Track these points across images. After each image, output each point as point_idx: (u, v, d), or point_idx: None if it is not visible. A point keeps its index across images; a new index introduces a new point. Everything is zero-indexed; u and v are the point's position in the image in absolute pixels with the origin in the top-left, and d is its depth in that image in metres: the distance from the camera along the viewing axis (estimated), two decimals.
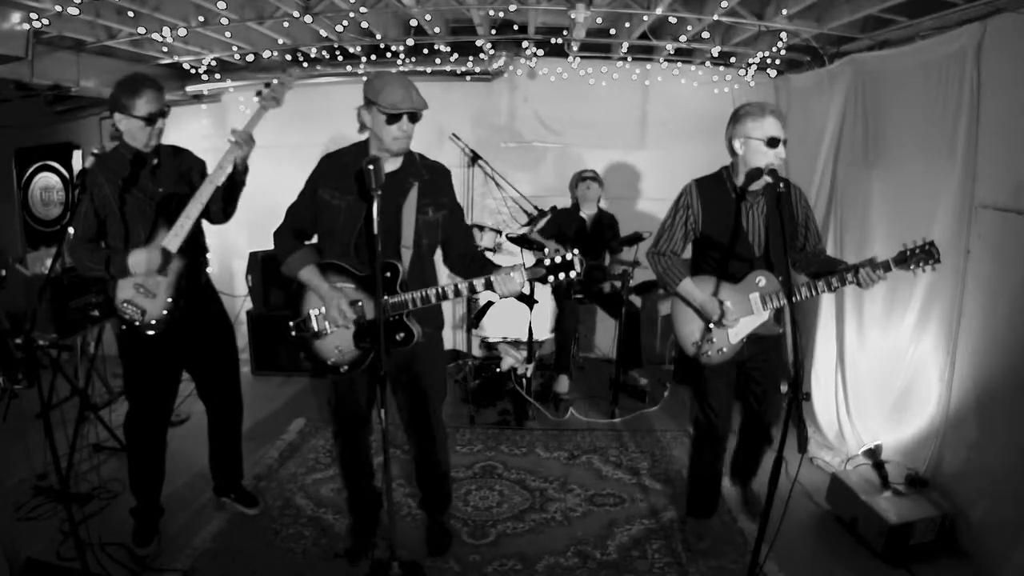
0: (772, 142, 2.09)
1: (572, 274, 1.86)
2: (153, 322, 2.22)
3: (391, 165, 2.08)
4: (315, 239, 2.19)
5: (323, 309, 2.09)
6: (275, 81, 2.30)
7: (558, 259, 1.87)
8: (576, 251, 1.88)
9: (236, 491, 2.73)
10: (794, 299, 1.94)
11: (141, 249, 2.17)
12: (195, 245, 2.35)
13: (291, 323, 2.15)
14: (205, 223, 2.40)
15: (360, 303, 2.07)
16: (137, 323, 2.22)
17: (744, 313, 2.23)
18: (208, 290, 2.53)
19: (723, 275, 2.25)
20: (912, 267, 2.05)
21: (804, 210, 2.31)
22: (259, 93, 2.27)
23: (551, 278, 1.88)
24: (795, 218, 2.28)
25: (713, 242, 2.25)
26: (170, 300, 2.23)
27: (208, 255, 2.51)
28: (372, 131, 2.03)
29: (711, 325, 2.25)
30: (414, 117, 1.99)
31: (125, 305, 2.21)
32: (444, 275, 2.34)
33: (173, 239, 2.20)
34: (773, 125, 2.09)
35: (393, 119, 1.96)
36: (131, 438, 2.49)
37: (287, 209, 2.18)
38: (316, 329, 2.11)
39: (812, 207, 2.49)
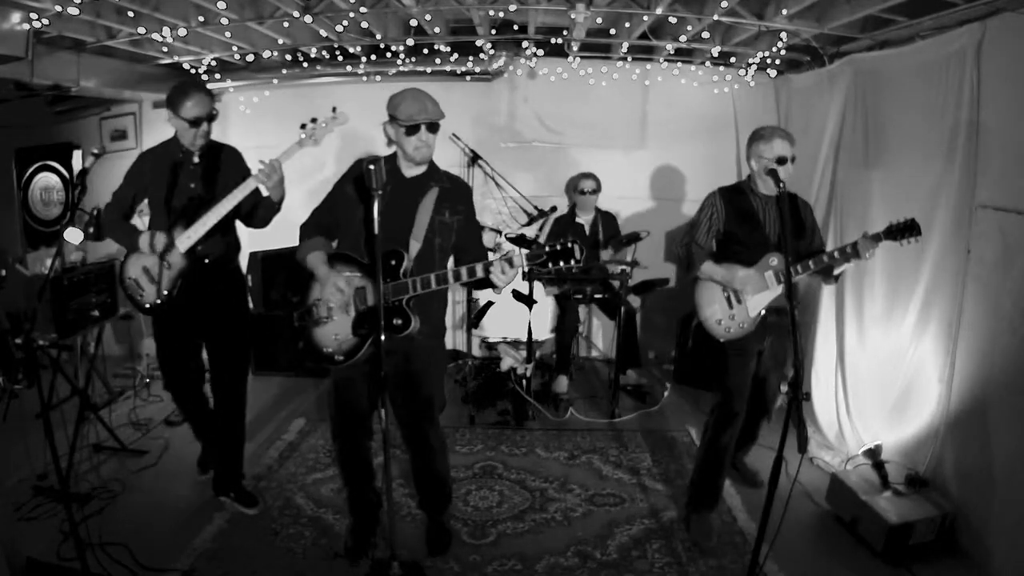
0: (779, 160, 2.40)
1: (572, 261, 1.88)
2: (148, 306, 2.47)
3: (415, 171, 2.19)
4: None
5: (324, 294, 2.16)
6: (319, 119, 2.37)
7: (558, 246, 1.89)
8: (576, 240, 1.89)
9: (236, 490, 2.73)
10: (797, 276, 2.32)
11: (151, 234, 2.41)
12: (214, 244, 2.50)
13: (295, 313, 2.21)
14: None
15: (364, 290, 2.12)
16: (137, 299, 2.49)
17: (760, 289, 2.49)
18: (232, 276, 2.68)
19: (742, 261, 2.54)
20: (899, 239, 2.26)
21: (810, 216, 2.64)
22: (303, 126, 2.37)
23: (550, 264, 1.90)
24: (804, 222, 2.58)
25: (734, 236, 2.56)
26: (166, 292, 2.42)
27: (228, 244, 2.64)
28: (396, 143, 2.15)
29: (730, 297, 2.54)
30: (432, 127, 2.10)
31: (130, 280, 2.49)
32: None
33: (185, 240, 2.40)
34: (780, 146, 2.40)
35: (412, 130, 2.07)
36: (173, 396, 2.78)
37: (313, 209, 2.29)
38: (316, 316, 2.16)
39: (812, 207, 2.75)
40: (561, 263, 1.89)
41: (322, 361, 2.18)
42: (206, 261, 2.49)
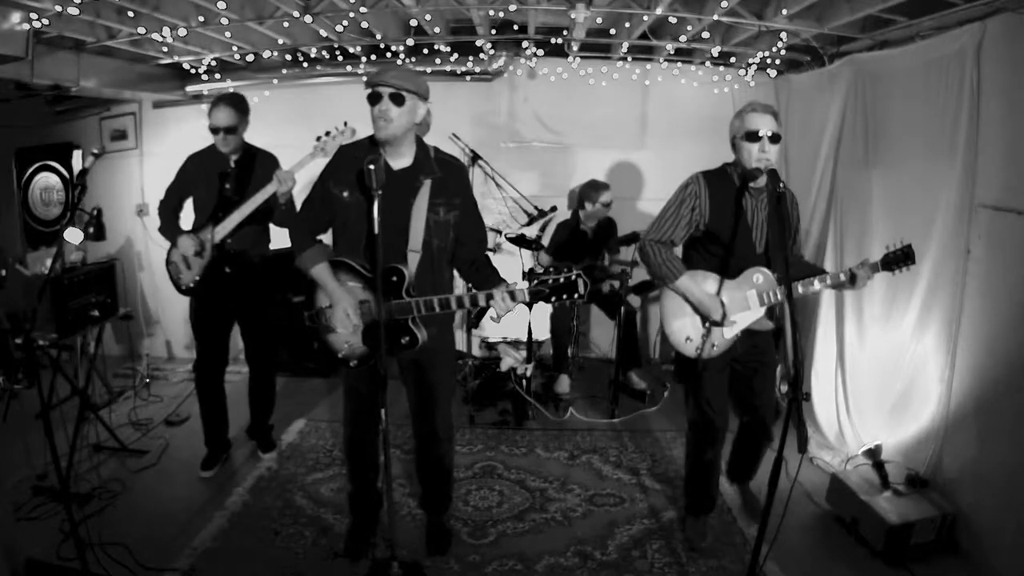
0: (750, 136, 2.11)
1: (575, 296, 1.86)
2: (184, 287, 2.85)
3: (403, 161, 2.06)
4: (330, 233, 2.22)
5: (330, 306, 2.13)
6: (332, 131, 2.55)
7: (561, 279, 1.87)
8: (580, 273, 1.87)
9: (260, 436, 3.24)
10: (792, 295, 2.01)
11: (186, 236, 2.78)
12: (242, 238, 2.82)
13: (306, 312, 2.19)
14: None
15: (368, 303, 2.09)
16: (175, 279, 2.86)
17: (740, 309, 2.23)
18: (257, 264, 2.95)
19: (722, 271, 2.23)
20: (894, 269, 2.16)
21: (796, 212, 2.35)
22: (318, 138, 2.55)
23: (554, 299, 1.88)
24: (790, 219, 2.28)
25: (716, 237, 2.22)
26: (197, 278, 2.81)
27: (255, 238, 2.93)
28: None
29: (707, 323, 2.23)
30: (396, 99, 1.92)
31: (170, 266, 2.86)
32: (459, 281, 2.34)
33: (215, 236, 2.75)
34: (754, 120, 2.11)
35: (373, 99, 1.94)
36: (197, 378, 3.02)
37: (303, 202, 2.19)
38: (327, 323, 2.14)
39: (812, 207, 2.52)
40: (564, 296, 1.87)
41: (337, 363, 2.18)
42: (232, 252, 2.82)
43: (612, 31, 3.72)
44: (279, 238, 3.37)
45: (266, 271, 3.01)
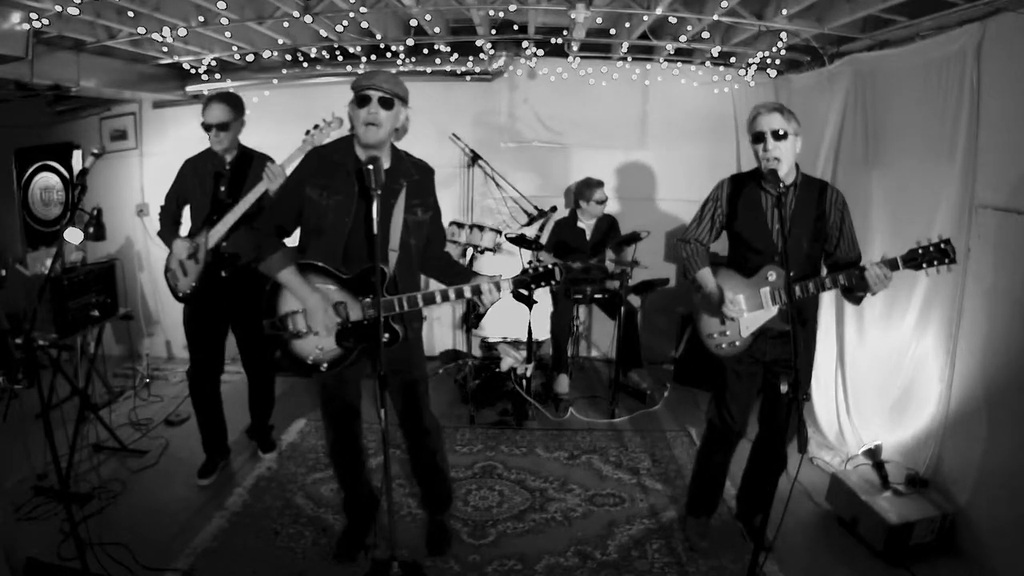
0: (756, 138, 2.15)
1: (552, 283, 2.01)
2: (180, 294, 2.83)
3: (383, 164, 2.07)
4: (295, 236, 2.18)
5: (303, 310, 2.08)
6: (320, 124, 2.55)
7: (541, 269, 2.00)
8: (557, 261, 1.94)
9: (260, 436, 3.26)
10: (796, 296, 2.04)
11: (180, 240, 2.77)
12: (236, 242, 2.76)
13: (265, 320, 2.14)
14: None
15: (343, 304, 2.07)
16: (172, 286, 2.84)
17: (755, 307, 2.22)
18: (256, 274, 2.82)
19: (744, 268, 2.27)
20: (925, 267, 1.94)
21: (839, 213, 2.22)
22: (307, 132, 2.55)
23: (533, 286, 2.02)
24: (826, 221, 2.21)
25: (739, 236, 2.30)
26: (194, 284, 2.78)
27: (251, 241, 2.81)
28: (353, 125, 2.02)
29: (724, 315, 2.24)
30: (385, 103, 1.96)
31: (168, 273, 2.84)
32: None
33: (209, 240, 2.74)
34: (757, 122, 2.14)
35: (361, 102, 1.97)
36: (191, 387, 2.99)
37: (268, 203, 2.23)
38: (294, 330, 2.10)
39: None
40: (543, 283, 2.01)
41: (304, 370, 2.12)
42: (227, 256, 2.78)
43: (612, 31, 3.72)
44: None
45: (263, 275, 2.97)
